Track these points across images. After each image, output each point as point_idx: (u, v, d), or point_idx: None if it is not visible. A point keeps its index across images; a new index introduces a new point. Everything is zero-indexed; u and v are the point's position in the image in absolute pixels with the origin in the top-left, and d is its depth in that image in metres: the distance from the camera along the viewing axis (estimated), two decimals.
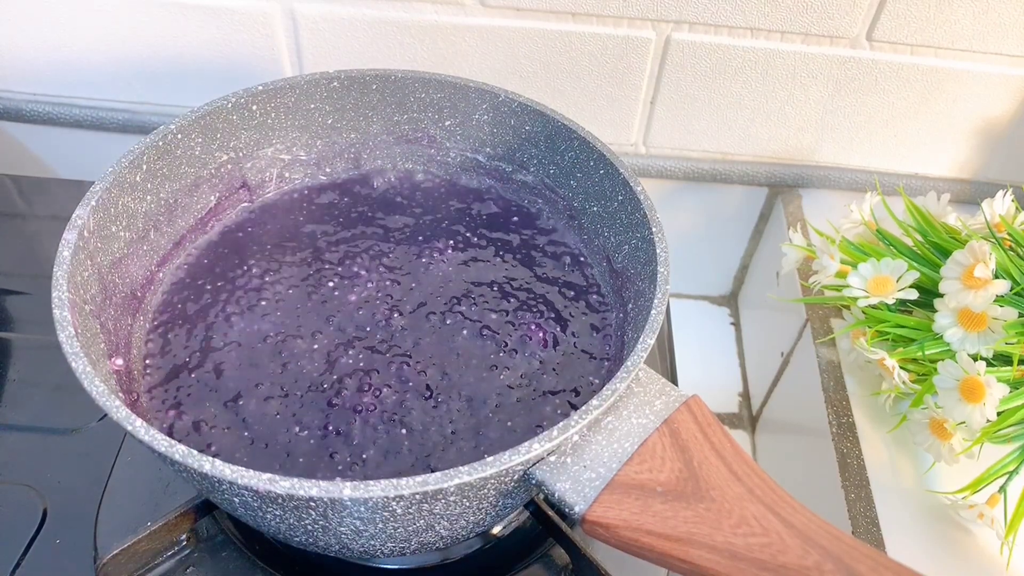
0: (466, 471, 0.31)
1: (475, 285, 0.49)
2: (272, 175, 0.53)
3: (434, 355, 0.45)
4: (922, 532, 0.46)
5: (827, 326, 0.57)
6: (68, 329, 0.35)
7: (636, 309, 0.44)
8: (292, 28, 0.58)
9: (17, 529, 0.45)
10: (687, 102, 0.62)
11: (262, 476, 0.31)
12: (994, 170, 0.65)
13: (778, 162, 0.66)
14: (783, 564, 0.31)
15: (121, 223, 0.44)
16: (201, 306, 0.47)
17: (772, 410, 0.65)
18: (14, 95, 0.65)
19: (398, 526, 0.34)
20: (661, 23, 0.57)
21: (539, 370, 0.45)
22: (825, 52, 0.58)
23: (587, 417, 0.34)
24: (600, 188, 0.48)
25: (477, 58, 0.60)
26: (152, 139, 0.45)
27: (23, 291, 0.58)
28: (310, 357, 0.44)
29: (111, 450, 0.48)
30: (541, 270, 0.50)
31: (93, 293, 0.41)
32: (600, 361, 0.46)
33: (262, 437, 0.41)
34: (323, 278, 0.49)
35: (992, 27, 0.56)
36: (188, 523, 0.43)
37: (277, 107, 0.50)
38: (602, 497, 0.34)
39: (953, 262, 0.46)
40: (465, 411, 0.42)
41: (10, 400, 0.51)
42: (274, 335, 0.45)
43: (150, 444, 0.32)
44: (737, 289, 0.77)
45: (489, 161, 0.54)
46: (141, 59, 0.61)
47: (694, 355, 0.72)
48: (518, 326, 0.47)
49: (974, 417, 0.43)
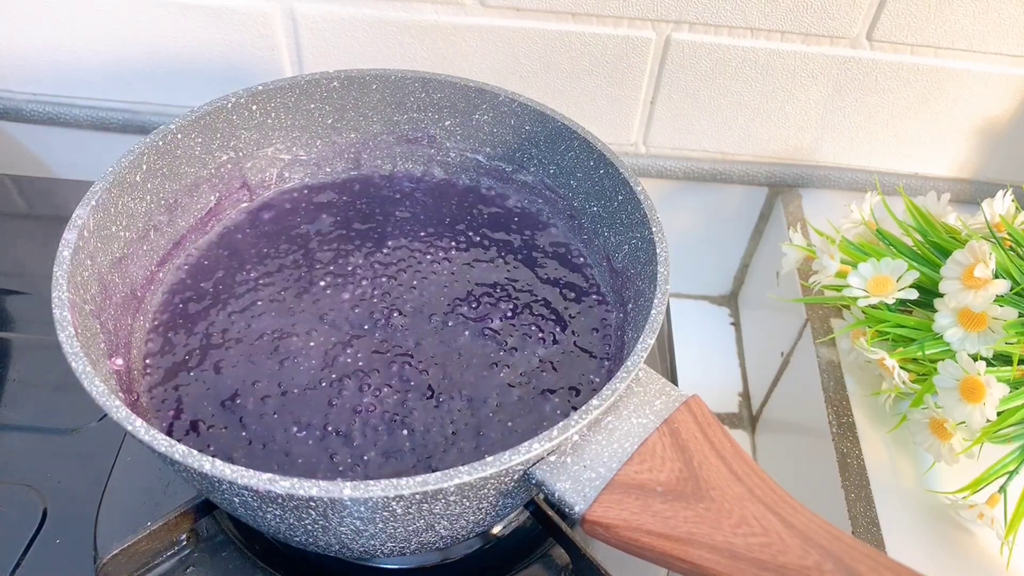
0: (466, 471, 0.31)
1: (476, 285, 0.49)
2: (272, 175, 0.53)
3: (435, 355, 0.45)
4: (922, 532, 0.46)
5: (827, 326, 0.57)
6: (68, 329, 0.35)
7: (636, 309, 0.44)
8: (292, 28, 0.58)
9: (17, 529, 0.45)
10: (687, 102, 0.62)
11: (262, 476, 0.31)
12: (994, 170, 0.65)
13: (778, 162, 0.66)
14: (783, 564, 0.31)
15: (121, 223, 0.44)
16: (201, 306, 0.47)
17: (772, 410, 0.65)
18: (14, 95, 0.65)
19: (398, 526, 0.34)
20: (661, 23, 0.57)
21: (539, 369, 0.45)
22: (825, 52, 0.58)
23: (587, 417, 0.34)
24: (600, 188, 0.48)
25: (477, 58, 0.60)
26: (152, 139, 0.45)
27: (23, 291, 0.58)
28: (310, 357, 0.44)
29: (111, 450, 0.48)
30: (541, 270, 0.50)
31: (93, 293, 0.40)
32: (600, 361, 0.46)
33: (262, 437, 0.41)
34: (323, 278, 0.49)
35: (992, 27, 0.56)
36: (188, 523, 0.43)
37: (277, 107, 0.50)
38: (602, 497, 0.34)
39: (953, 262, 0.46)
40: (466, 411, 0.42)
41: (10, 400, 0.51)
42: (275, 335, 0.45)
43: (150, 444, 0.32)
44: (737, 289, 0.77)
45: (489, 161, 0.54)
46: (141, 59, 0.61)
47: (694, 355, 0.72)
48: (518, 326, 0.47)
49: (974, 417, 0.43)
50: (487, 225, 0.53)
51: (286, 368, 0.44)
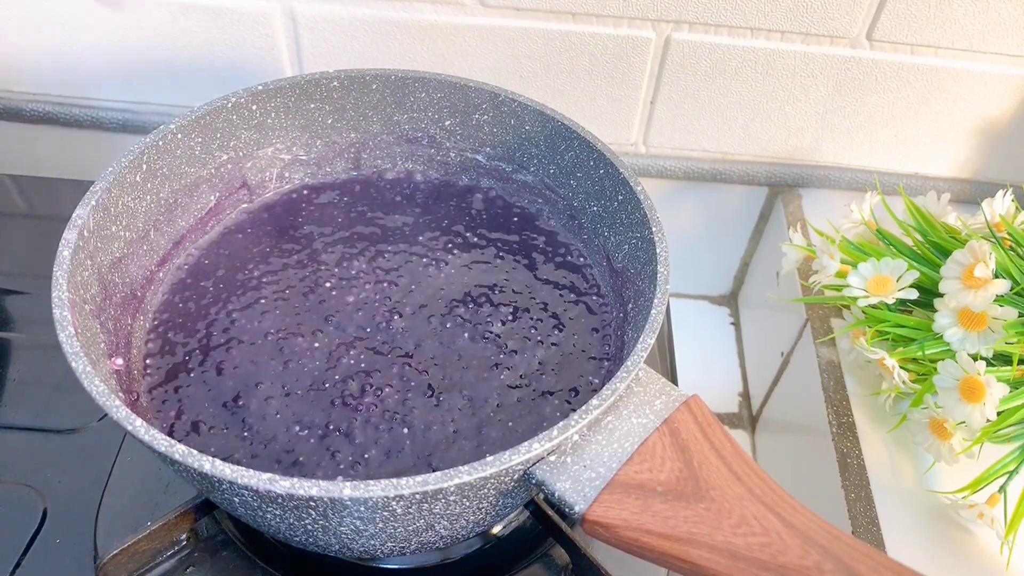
0: (466, 471, 0.31)
1: (476, 286, 0.49)
2: (272, 175, 0.53)
3: (436, 356, 0.45)
4: (922, 532, 0.46)
5: (827, 326, 0.57)
6: (68, 329, 0.35)
7: (636, 309, 0.44)
8: (292, 28, 0.58)
9: (17, 529, 0.45)
10: (687, 102, 0.62)
11: (262, 476, 0.31)
12: (994, 170, 0.65)
13: (778, 162, 0.66)
14: (783, 564, 0.31)
15: (121, 223, 0.44)
16: (201, 306, 0.47)
17: (772, 410, 0.65)
18: (14, 95, 0.65)
19: (398, 526, 0.34)
20: (661, 23, 0.57)
21: (538, 371, 0.45)
22: (825, 52, 0.58)
23: (587, 417, 0.34)
24: (600, 188, 0.48)
25: (477, 58, 0.60)
26: (152, 139, 0.45)
27: (23, 291, 0.58)
28: (310, 357, 0.44)
29: (111, 450, 0.48)
30: (541, 270, 0.50)
31: (93, 293, 0.40)
32: (600, 361, 0.46)
33: (262, 436, 0.41)
34: (322, 279, 0.49)
35: (992, 26, 0.56)
36: (188, 523, 0.43)
37: (277, 107, 0.50)
38: (602, 497, 0.34)
39: (953, 262, 0.46)
40: (467, 410, 0.42)
41: (10, 400, 0.51)
42: (274, 335, 0.45)
43: (150, 444, 0.32)
44: (737, 289, 0.77)
45: (489, 161, 0.54)
46: (141, 59, 0.61)
47: (694, 355, 0.72)
48: (518, 327, 0.47)
49: (974, 417, 0.43)
50: (486, 225, 0.53)
51: (290, 369, 0.44)
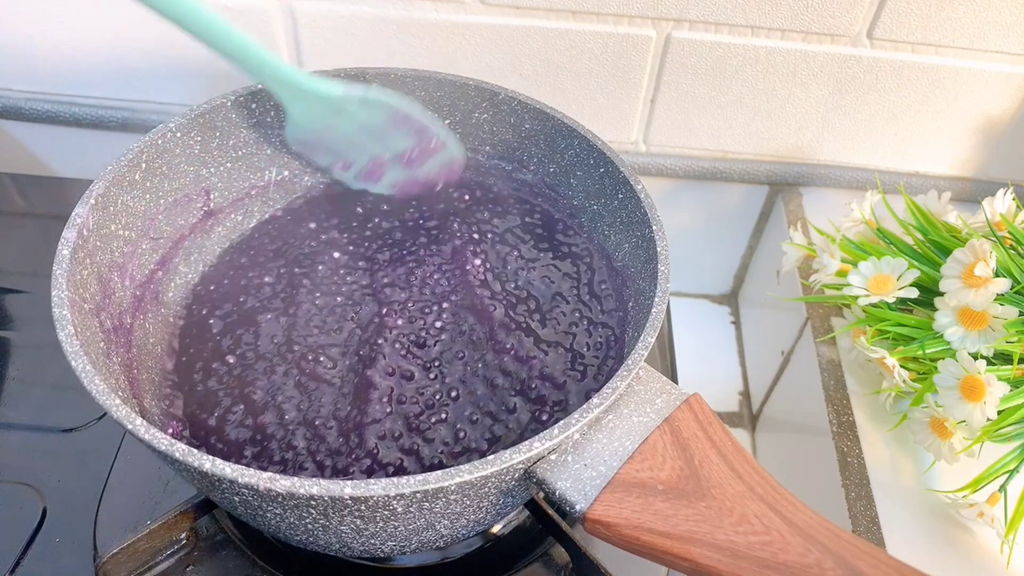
0: (467, 469, 0.31)
1: (475, 287, 0.49)
2: (272, 174, 0.53)
3: (436, 356, 0.45)
4: (922, 531, 0.46)
5: (827, 325, 0.57)
6: (68, 328, 0.35)
7: (636, 308, 0.44)
8: (291, 26, 0.58)
9: (16, 528, 0.45)
10: (687, 100, 0.62)
11: (262, 475, 0.31)
12: (995, 168, 0.65)
13: (778, 160, 0.66)
14: (784, 562, 0.31)
15: (120, 222, 0.44)
16: (201, 305, 0.47)
17: (772, 409, 0.65)
18: (14, 94, 0.65)
19: (399, 525, 0.34)
20: (661, 21, 0.57)
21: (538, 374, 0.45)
22: (826, 50, 0.58)
23: (588, 415, 0.34)
24: (600, 186, 0.48)
25: (477, 56, 0.60)
26: (151, 137, 0.45)
27: (23, 290, 0.58)
28: (310, 357, 0.44)
29: (110, 449, 0.48)
30: (541, 270, 0.50)
31: (92, 292, 0.40)
32: (600, 360, 0.46)
33: (263, 436, 0.41)
34: (322, 278, 0.49)
35: (993, 25, 0.56)
36: (188, 522, 0.43)
37: (277, 105, 0.50)
38: (603, 495, 0.34)
39: (954, 260, 0.46)
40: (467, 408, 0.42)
41: (10, 399, 0.51)
42: (274, 335, 0.45)
43: (150, 443, 0.32)
44: (737, 288, 0.77)
45: (489, 160, 0.54)
46: (141, 58, 0.61)
47: (694, 354, 0.72)
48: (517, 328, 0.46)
49: (974, 416, 0.43)
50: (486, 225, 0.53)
51: (292, 369, 0.44)
